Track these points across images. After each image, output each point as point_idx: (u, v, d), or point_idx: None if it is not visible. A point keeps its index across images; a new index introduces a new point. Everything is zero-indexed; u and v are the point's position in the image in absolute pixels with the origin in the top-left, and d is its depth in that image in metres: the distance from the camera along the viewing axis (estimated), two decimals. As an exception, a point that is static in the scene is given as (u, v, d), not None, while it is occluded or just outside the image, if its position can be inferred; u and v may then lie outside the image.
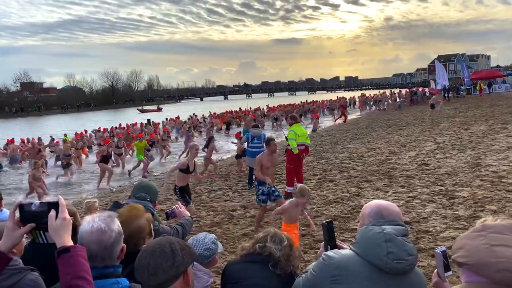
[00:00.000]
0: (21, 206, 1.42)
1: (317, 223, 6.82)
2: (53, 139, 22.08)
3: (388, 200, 6.97)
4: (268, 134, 12.57)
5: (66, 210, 1.42)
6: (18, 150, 18.51)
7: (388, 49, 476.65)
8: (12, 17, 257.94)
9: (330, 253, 1.86)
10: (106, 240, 1.69)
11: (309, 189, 5.92)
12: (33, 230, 1.43)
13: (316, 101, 43.11)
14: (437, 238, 5.78)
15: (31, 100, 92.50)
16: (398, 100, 37.48)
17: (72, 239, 2.80)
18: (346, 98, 41.34)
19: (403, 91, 48.97)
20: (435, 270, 1.85)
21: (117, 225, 1.79)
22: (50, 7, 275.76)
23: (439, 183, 8.68)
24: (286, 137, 9.22)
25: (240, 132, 14.25)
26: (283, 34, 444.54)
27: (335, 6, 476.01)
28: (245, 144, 10.76)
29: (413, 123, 21.33)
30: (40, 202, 1.43)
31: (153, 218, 2.61)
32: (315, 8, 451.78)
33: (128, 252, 2.03)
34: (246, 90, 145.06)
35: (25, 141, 21.17)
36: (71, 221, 1.43)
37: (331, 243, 2.02)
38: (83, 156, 17.69)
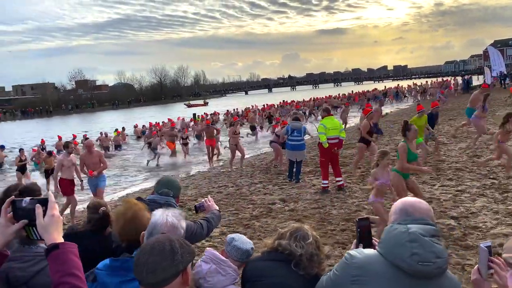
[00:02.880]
0: (13, 203, 1.43)
1: (364, 215, 6.63)
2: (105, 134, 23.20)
3: (435, 194, 6.69)
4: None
5: (56, 206, 1.42)
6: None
7: (438, 35, 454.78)
8: (65, 18, 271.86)
9: (353, 252, 1.76)
10: (177, 235, 1.84)
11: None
12: (26, 226, 1.43)
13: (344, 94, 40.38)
14: (486, 235, 5.41)
15: (85, 97, 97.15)
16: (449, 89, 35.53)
17: (104, 232, 2.86)
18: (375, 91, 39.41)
19: (450, 79, 46.19)
20: (476, 266, 1.71)
21: (184, 223, 2.00)
22: (100, 8, 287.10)
23: (491, 176, 8.15)
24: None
25: (277, 124, 14.59)
26: (327, 24, 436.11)
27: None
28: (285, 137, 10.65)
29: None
30: (31, 199, 1.43)
31: None
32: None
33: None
34: (291, 82, 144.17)
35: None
36: (61, 218, 1.43)
37: (365, 242, 1.91)
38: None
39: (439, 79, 49.03)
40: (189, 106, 66.65)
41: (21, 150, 14.56)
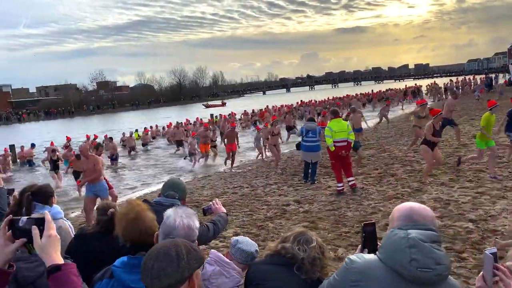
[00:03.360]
0: (11, 222, 1.44)
1: (372, 219, 6.54)
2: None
3: (453, 196, 6.53)
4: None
5: (53, 226, 1.43)
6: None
7: (461, 33, 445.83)
8: (87, 21, 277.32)
9: (353, 257, 1.74)
10: (193, 237, 1.93)
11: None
12: (26, 244, 1.44)
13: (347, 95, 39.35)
14: (506, 238, 5.25)
15: (106, 98, 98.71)
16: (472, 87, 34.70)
17: (113, 234, 2.89)
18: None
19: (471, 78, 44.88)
20: (480, 273, 1.65)
21: (198, 223, 2.01)
22: (120, 10, 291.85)
23: (513, 178, 7.93)
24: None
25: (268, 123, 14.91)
26: (346, 23, 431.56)
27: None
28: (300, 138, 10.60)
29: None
30: (28, 218, 1.43)
31: None
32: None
33: (150, 244, 2.07)
34: (309, 81, 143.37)
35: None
36: (58, 237, 1.44)
37: (370, 248, 1.88)
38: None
39: (460, 78, 47.69)
40: (207, 106, 67.05)
41: (54, 150, 14.29)
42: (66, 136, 22.56)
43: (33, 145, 20.53)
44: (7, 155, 18.29)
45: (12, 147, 21.05)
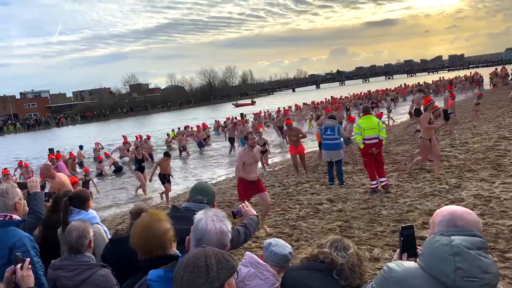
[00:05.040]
0: None
1: (409, 218, 6.36)
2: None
3: (494, 192, 6.28)
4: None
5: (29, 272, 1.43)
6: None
7: (496, 21, 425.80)
8: (118, 26, 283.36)
9: (392, 265, 1.66)
10: (225, 241, 1.91)
11: None
12: None
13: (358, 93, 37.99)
14: (554, 238, 4.99)
15: (139, 100, 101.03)
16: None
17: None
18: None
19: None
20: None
21: (230, 225, 1.99)
22: (149, 14, 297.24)
23: (559, 172, 7.51)
24: None
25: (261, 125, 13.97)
26: (375, 16, 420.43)
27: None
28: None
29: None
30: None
31: None
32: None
33: (159, 256, 2.06)
34: (339, 77, 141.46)
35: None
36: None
37: (410, 252, 1.81)
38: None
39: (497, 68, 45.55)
40: (237, 106, 67.34)
41: (137, 147, 13.47)
42: (122, 135, 24.21)
43: (81, 147, 21.36)
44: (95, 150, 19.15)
45: (51, 150, 21.89)
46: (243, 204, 3.10)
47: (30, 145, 36.31)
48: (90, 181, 13.15)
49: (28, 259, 2.20)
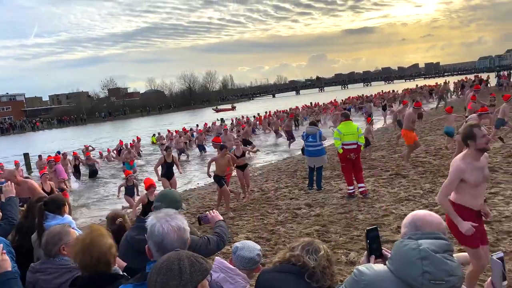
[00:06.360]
0: None
1: (384, 222, 6.50)
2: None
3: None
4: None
5: None
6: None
7: (470, 31, 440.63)
8: (96, 29, 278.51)
9: (363, 268, 1.72)
10: (186, 236, 1.86)
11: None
12: None
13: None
14: (521, 240, 5.18)
15: (118, 104, 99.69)
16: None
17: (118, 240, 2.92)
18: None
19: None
20: (489, 279, 1.63)
21: (185, 220, 1.93)
22: (128, 17, 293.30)
23: (527, 177, 7.81)
24: None
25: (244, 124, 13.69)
26: (353, 24, 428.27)
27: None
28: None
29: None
30: None
31: None
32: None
33: (103, 274, 2.05)
34: (319, 83, 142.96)
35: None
36: None
37: (376, 253, 1.87)
38: None
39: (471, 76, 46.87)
40: (217, 111, 67.23)
41: (168, 148, 11.59)
42: (137, 137, 23.73)
43: (59, 153, 20.76)
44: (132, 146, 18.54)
45: (26, 155, 21.37)
46: (211, 210, 3.11)
47: (3, 150, 35.36)
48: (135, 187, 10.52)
49: (1, 245, 2.18)
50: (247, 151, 12.20)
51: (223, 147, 9.11)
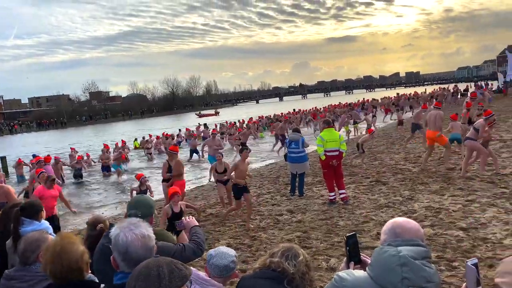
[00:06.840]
0: None
1: (364, 229, 6.57)
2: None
3: (444, 204, 6.59)
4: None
5: None
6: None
7: (449, 42, 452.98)
8: (78, 32, 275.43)
9: (343, 274, 1.74)
10: (151, 243, 1.82)
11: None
12: None
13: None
14: (496, 247, 5.30)
15: (99, 108, 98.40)
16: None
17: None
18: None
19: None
20: (463, 285, 1.67)
21: (150, 228, 1.91)
22: (111, 20, 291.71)
23: (502, 185, 8.00)
24: None
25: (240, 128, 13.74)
26: (336, 32, 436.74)
27: (389, 1, 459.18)
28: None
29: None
30: None
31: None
32: (367, 4, 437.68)
33: (76, 283, 2.01)
34: (301, 90, 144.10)
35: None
36: None
37: (355, 259, 1.90)
38: None
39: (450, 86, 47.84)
40: (200, 116, 66.96)
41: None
42: (122, 140, 23.66)
43: (34, 156, 20.29)
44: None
45: (3, 159, 20.82)
46: (187, 217, 3.09)
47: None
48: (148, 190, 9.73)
49: None
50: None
51: (244, 149, 8.33)
